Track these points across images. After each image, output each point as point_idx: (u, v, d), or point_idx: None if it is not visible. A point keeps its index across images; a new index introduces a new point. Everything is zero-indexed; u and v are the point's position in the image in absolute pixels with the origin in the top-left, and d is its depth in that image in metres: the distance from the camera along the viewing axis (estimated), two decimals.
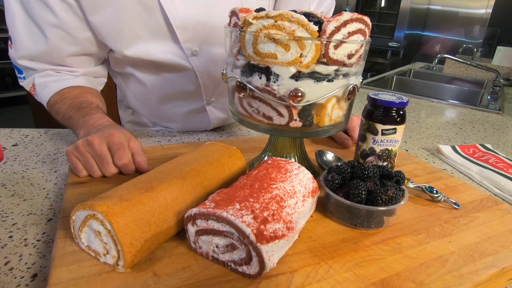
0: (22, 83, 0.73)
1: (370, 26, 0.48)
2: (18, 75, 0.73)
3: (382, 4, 3.77)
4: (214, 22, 0.70)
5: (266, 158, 0.61)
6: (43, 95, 0.70)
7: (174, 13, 0.65)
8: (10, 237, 0.44)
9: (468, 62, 1.90)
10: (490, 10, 3.32)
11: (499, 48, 2.04)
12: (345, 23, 0.44)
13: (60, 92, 0.69)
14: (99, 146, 0.52)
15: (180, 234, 0.42)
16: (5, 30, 0.72)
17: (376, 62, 3.68)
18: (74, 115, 0.64)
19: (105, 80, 0.81)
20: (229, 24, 0.52)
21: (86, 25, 0.66)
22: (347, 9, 3.68)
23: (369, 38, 0.49)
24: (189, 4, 0.66)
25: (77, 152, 0.53)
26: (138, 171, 0.56)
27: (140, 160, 0.56)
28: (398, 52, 3.60)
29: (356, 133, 0.73)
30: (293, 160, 0.59)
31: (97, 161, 0.53)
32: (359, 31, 0.45)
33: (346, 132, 0.76)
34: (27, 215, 0.49)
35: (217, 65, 0.75)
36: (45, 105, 0.72)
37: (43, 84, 0.70)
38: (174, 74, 0.75)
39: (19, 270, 0.39)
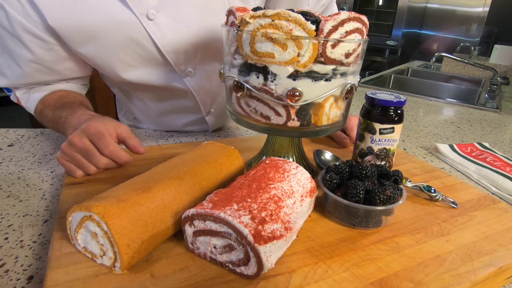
0: (12, 97, 0.72)
1: (368, 25, 0.48)
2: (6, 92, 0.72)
3: (380, 3, 3.77)
4: (205, 39, 0.68)
5: (264, 157, 0.60)
6: (29, 107, 0.69)
7: (163, 40, 0.63)
8: (6, 238, 0.44)
9: (466, 61, 1.91)
10: (487, 9, 3.32)
11: (496, 46, 2.05)
12: (342, 22, 0.43)
13: (43, 100, 0.68)
14: (80, 142, 0.52)
15: (178, 235, 0.41)
16: None
17: (374, 61, 3.68)
18: (59, 119, 0.63)
19: (89, 85, 0.79)
20: (226, 23, 0.51)
21: (67, 56, 0.64)
22: (344, 7, 3.67)
23: (366, 37, 0.49)
24: (177, 28, 0.64)
25: (65, 155, 0.53)
26: (135, 154, 0.55)
27: (132, 143, 0.54)
28: (396, 51, 3.60)
29: (354, 133, 0.73)
30: (291, 159, 0.59)
31: (85, 157, 0.53)
32: (356, 30, 0.45)
33: (344, 131, 0.76)
34: (23, 216, 0.49)
35: (213, 81, 0.74)
36: (35, 116, 0.71)
37: (26, 97, 0.69)
38: (170, 95, 0.75)
39: (15, 272, 0.39)
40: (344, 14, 0.43)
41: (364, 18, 0.46)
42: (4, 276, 0.38)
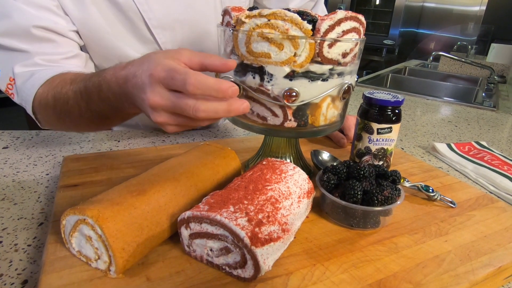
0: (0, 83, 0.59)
1: (365, 25, 0.47)
2: None
3: (377, 2, 3.78)
4: (193, 19, 0.67)
5: (261, 158, 0.60)
6: (28, 87, 0.56)
7: (149, 13, 0.62)
8: (0, 242, 0.43)
9: (463, 60, 1.91)
10: (484, 7, 3.33)
11: (493, 45, 2.05)
12: (339, 22, 0.43)
13: (51, 82, 0.55)
14: (162, 99, 0.37)
15: (174, 237, 0.41)
16: None
17: (371, 60, 3.68)
18: (89, 95, 0.49)
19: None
20: (221, 23, 0.51)
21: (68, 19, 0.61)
22: (342, 7, 3.67)
23: (363, 36, 0.48)
24: (164, 2, 0.63)
25: (170, 126, 0.39)
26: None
27: (216, 61, 0.39)
28: (393, 50, 3.61)
29: (351, 133, 0.73)
30: (288, 160, 0.59)
31: (181, 112, 0.37)
32: (353, 29, 0.45)
33: (341, 131, 0.76)
34: (18, 219, 0.48)
35: None
36: (29, 104, 0.57)
37: (28, 74, 0.57)
38: None
39: (9, 276, 0.38)
40: (341, 13, 0.43)
41: (361, 17, 0.46)
42: None
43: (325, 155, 0.64)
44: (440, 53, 1.94)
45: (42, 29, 0.57)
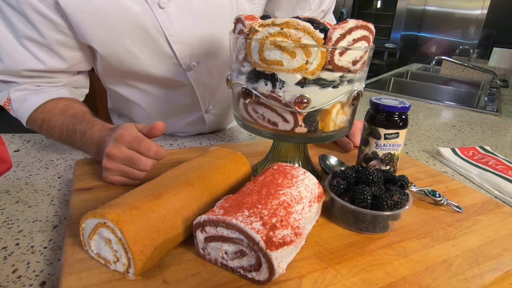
0: None
1: (374, 33, 0.48)
2: None
3: (378, 5, 3.79)
4: (210, 34, 0.69)
5: (270, 163, 0.61)
6: (22, 111, 0.64)
7: (171, 30, 0.64)
8: (17, 244, 0.44)
9: (465, 64, 1.92)
10: (485, 11, 3.35)
11: (495, 49, 2.06)
12: (350, 30, 0.44)
13: (44, 107, 0.63)
14: (120, 152, 0.51)
15: (188, 240, 0.42)
16: None
17: (373, 63, 3.69)
18: (73, 133, 0.60)
19: (87, 91, 0.77)
20: (233, 31, 0.52)
21: (75, 43, 0.63)
22: (343, 10, 3.69)
23: (372, 44, 0.49)
24: (185, 19, 0.65)
25: (110, 171, 0.53)
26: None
27: (152, 130, 0.54)
28: (394, 53, 3.62)
29: (356, 138, 0.74)
30: (297, 164, 0.59)
31: (130, 165, 0.52)
32: (363, 37, 0.46)
33: (347, 136, 0.77)
34: (33, 222, 0.49)
35: (213, 76, 0.75)
36: (23, 122, 0.66)
37: (22, 98, 0.64)
38: (171, 89, 0.75)
39: (27, 278, 0.39)
40: (352, 23, 0.44)
41: (371, 25, 0.47)
42: (17, 282, 0.39)
43: (333, 160, 0.65)
44: (442, 57, 1.95)
45: (31, 71, 0.63)
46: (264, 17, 0.47)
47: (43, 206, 0.53)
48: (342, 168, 0.57)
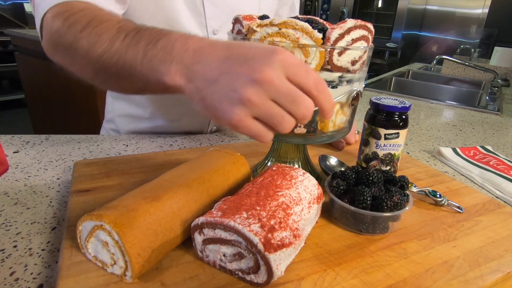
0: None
1: (373, 32, 0.48)
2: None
3: (379, 5, 3.78)
4: (235, 3, 0.69)
5: (269, 163, 0.61)
6: (42, 6, 0.47)
7: None
8: (15, 246, 0.44)
9: (466, 63, 1.92)
10: (486, 10, 3.34)
11: (496, 48, 2.06)
12: (349, 30, 0.44)
13: (66, 5, 0.45)
14: (281, 82, 0.33)
15: (186, 242, 0.41)
16: (4, 34, 0.60)
17: (374, 63, 3.69)
18: (134, 44, 0.38)
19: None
20: (232, 31, 0.52)
21: None
22: (344, 10, 3.68)
23: (372, 44, 0.49)
24: None
25: (254, 108, 0.33)
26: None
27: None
28: (395, 53, 3.61)
29: (349, 137, 0.75)
30: (296, 165, 0.59)
31: (288, 105, 0.34)
32: (362, 37, 0.46)
33: None
34: (31, 223, 0.49)
35: None
36: (38, 20, 0.48)
37: None
38: None
39: (25, 280, 0.39)
40: (351, 22, 0.44)
41: (370, 25, 0.46)
42: (14, 285, 0.38)
43: (333, 160, 0.65)
44: (444, 56, 1.95)
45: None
46: (262, 17, 0.47)
47: (42, 207, 0.53)
48: (342, 169, 0.57)
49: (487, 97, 1.58)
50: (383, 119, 0.58)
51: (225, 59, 0.34)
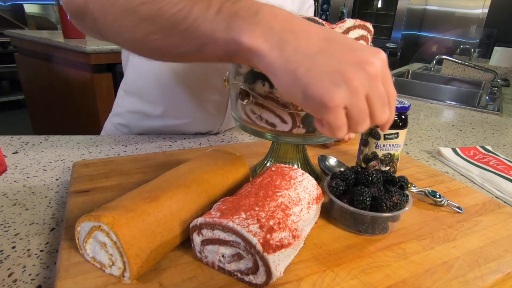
0: None
1: (372, 32, 0.48)
2: None
3: (379, 5, 3.79)
4: None
5: (268, 164, 0.61)
6: None
7: None
8: (13, 247, 0.44)
9: (466, 63, 1.91)
10: (486, 10, 3.34)
11: (496, 48, 2.06)
12: (348, 30, 0.44)
13: None
14: (381, 81, 0.32)
15: (185, 243, 0.41)
16: (4, 35, 0.57)
17: None
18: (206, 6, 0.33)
19: None
20: None
21: None
22: (344, 10, 3.68)
23: (371, 44, 0.49)
24: None
25: (353, 98, 0.31)
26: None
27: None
28: (395, 53, 3.62)
29: None
30: (295, 165, 0.59)
31: (376, 106, 0.33)
32: (361, 37, 0.46)
33: None
34: (30, 224, 0.49)
35: None
36: None
37: None
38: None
39: (23, 281, 0.39)
40: (350, 22, 0.43)
41: (369, 25, 0.46)
42: (13, 286, 0.38)
43: (332, 161, 0.65)
44: (443, 56, 1.95)
45: None
46: None
47: (41, 208, 0.53)
48: (342, 169, 0.57)
49: (487, 97, 1.58)
50: None
51: (325, 39, 0.32)
